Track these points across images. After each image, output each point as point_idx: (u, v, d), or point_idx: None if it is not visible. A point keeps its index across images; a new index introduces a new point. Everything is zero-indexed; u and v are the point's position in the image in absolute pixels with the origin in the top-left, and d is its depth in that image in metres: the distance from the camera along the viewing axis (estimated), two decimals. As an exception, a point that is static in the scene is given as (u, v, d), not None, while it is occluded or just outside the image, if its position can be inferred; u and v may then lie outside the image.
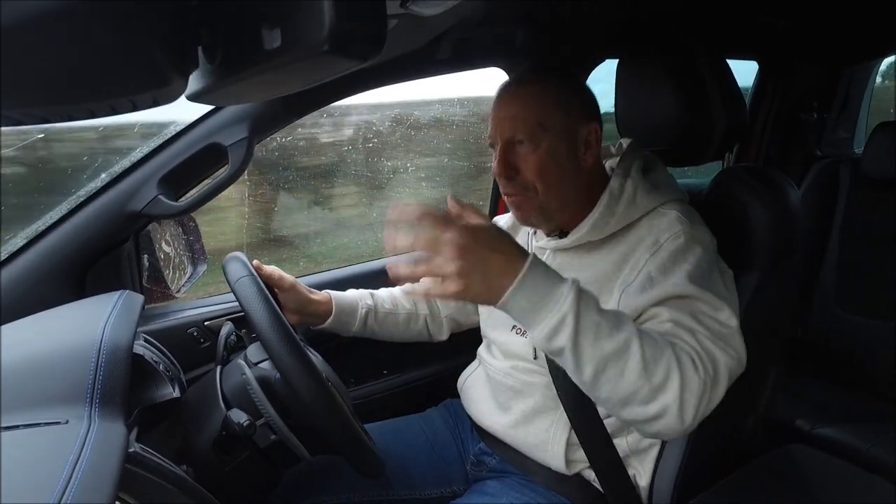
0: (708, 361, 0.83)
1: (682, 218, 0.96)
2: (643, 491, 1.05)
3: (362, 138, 1.95)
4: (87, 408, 0.61)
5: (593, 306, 0.77)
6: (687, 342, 0.83)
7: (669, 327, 0.85)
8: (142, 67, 0.45)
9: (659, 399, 0.78)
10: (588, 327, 0.75)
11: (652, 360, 0.78)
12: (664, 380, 0.78)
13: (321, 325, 1.21)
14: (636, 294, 0.92)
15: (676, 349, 0.81)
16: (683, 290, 0.88)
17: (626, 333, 0.77)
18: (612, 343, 0.76)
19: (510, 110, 1.00)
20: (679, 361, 0.79)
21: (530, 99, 0.99)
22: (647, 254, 0.95)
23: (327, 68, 0.51)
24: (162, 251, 1.27)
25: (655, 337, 0.81)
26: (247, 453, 0.89)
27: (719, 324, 0.88)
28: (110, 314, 0.79)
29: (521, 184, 1.00)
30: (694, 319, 0.86)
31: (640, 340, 0.78)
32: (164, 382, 0.87)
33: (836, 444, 1.50)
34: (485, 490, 1.09)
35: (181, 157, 1.12)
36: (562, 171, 1.00)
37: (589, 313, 0.75)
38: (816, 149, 2.08)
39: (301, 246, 2.05)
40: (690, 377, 0.79)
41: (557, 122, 0.98)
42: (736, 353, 0.87)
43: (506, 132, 1.00)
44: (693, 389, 0.79)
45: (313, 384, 0.85)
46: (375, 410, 1.34)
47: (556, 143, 0.98)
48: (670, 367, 0.78)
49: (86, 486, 0.49)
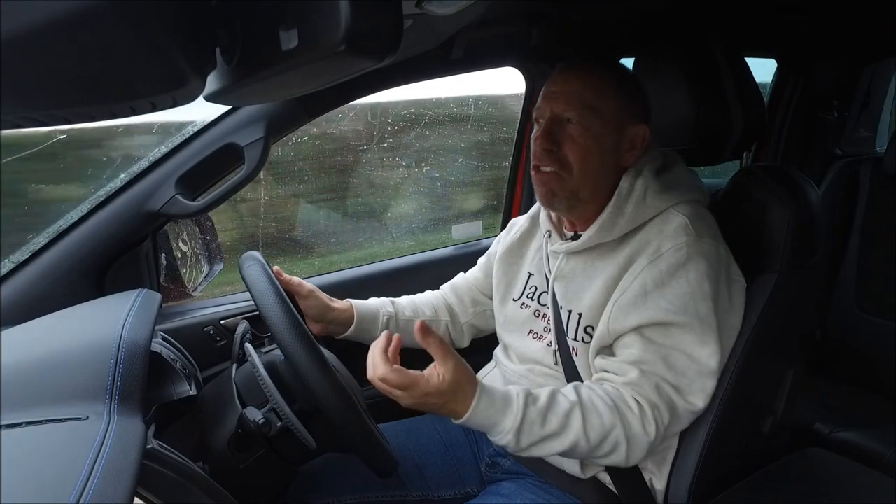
0: (666, 412, 0.92)
1: (689, 227, 0.94)
2: (659, 494, 1.04)
3: (377, 137, 1.95)
4: (106, 404, 0.62)
5: (537, 426, 0.88)
6: (647, 397, 0.92)
7: (635, 377, 0.92)
8: (161, 69, 0.45)
9: (606, 460, 0.94)
10: (531, 444, 0.89)
11: (599, 443, 0.90)
12: (611, 450, 0.91)
13: (343, 334, 1.21)
14: (626, 310, 0.94)
15: (625, 418, 0.91)
16: (671, 317, 0.92)
17: (572, 436, 0.89)
18: (558, 446, 0.90)
19: (567, 86, 0.98)
20: (627, 431, 0.90)
21: (590, 79, 0.98)
22: (645, 261, 0.94)
23: (343, 69, 0.51)
24: (179, 250, 1.28)
25: (604, 416, 0.90)
26: (262, 451, 0.90)
27: (694, 364, 0.93)
28: (129, 312, 0.80)
29: (559, 160, 0.98)
30: (665, 364, 0.92)
31: (586, 433, 0.89)
32: (181, 380, 0.88)
33: (856, 448, 1.48)
34: (499, 492, 1.09)
35: (198, 158, 1.13)
36: (602, 162, 0.98)
37: (529, 433, 0.88)
38: (836, 148, 2.05)
39: (315, 246, 2.05)
40: (639, 438, 0.91)
41: (610, 111, 0.97)
42: (701, 400, 0.94)
43: (557, 107, 0.98)
44: (641, 445, 0.91)
45: (325, 377, 0.85)
46: (389, 410, 1.34)
47: (604, 132, 0.97)
48: (618, 440, 0.90)
49: (106, 481, 0.50)
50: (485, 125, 2.07)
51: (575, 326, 1.02)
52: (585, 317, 1.01)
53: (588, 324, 1.00)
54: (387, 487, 1.15)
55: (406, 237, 2.09)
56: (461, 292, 1.32)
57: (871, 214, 1.79)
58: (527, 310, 1.14)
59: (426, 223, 2.09)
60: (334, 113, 1.51)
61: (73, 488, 0.48)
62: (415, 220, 2.08)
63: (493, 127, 2.07)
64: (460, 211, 2.11)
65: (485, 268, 1.31)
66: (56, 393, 0.64)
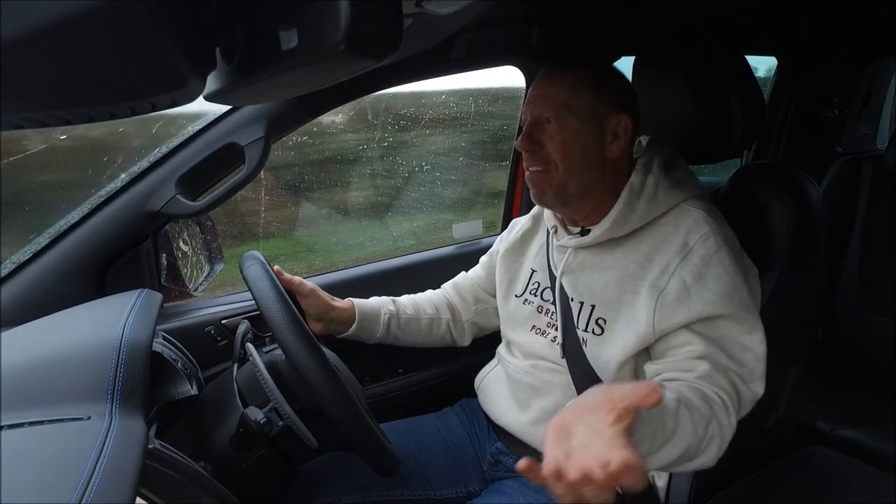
0: (737, 401, 0.91)
1: (708, 218, 0.97)
2: (661, 491, 1.05)
3: (379, 135, 1.95)
4: (108, 404, 0.62)
5: (660, 427, 0.78)
6: (721, 387, 0.90)
7: (707, 370, 0.90)
8: (161, 69, 0.45)
9: (699, 460, 0.86)
10: (656, 449, 0.78)
11: (702, 440, 0.84)
12: (707, 446, 0.86)
13: (345, 333, 1.21)
14: (673, 306, 0.93)
15: (715, 409, 0.87)
16: (718, 309, 0.91)
17: (688, 437, 0.81)
18: (676, 450, 0.80)
19: (542, 90, 1.02)
20: (720, 423, 0.87)
21: (562, 81, 1.01)
22: (677, 258, 0.95)
23: (344, 68, 0.51)
24: (180, 250, 1.28)
25: (702, 409, 0.85)
26: (263, 450, 0.90)
27: (749, 353, 0.92)
28: (130, 312, 0.80)
29: (542, 159, 1.01)
30: (726, 355, 0.91)
31: (695, 429, 0.82)
32: (183, 380, 0.88)
33: (858, 446, 1.48)
34: (502, 490, 1.09)
35: (198, 157, 1.13)
36: (585, 156, 1.00)
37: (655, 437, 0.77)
38: (837, 145, 2.04)
39: (316, 246, 2.05)
40: (727, 431, 0.88)
41: (585, 106, 0.99)
42: (759, 386, 0.93)
43: (535, 110, 1.02)
44: (727, 437, 0.88)
45: (326, 376, 0.85)
46: (391, 409, 1.35)
47: (582, 126, 0.99)
48: (713, 436, 0.85)
49: (108, 481, 0.50)
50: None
51: (587, 318, 1.02)
52: (598, 308, 1.01)
53: (601, 315, 1.01)
54: (389, 486, 1.15)
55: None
56: (463, 290, 1.32)
57: (872, 212, 1.79)
58: (530, 306, 1.14)
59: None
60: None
61: (76, 488, 0.48)
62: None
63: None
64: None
65: (487, 266, 1.31)
66: (58, 393, 0.64)
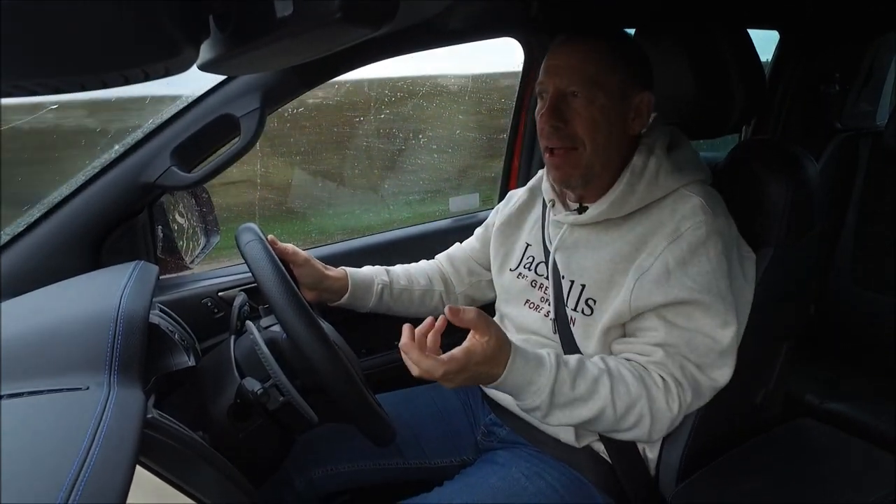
0: (689, 390, 0.93)
1: (705, 207, 0.95)
2: (651, 463, 1.07)
3: (374, 109, 1.93)
4: (106, 375, 0.63)
5: (567, 387, 0.88)
6: (672, 374, 0.93)
7: (661, 357, 0.93)
8: (154, 37, 0.45)
9: (629, 433, 0.93)
10: (562, 405, 0.89)
11: (624, 413, 0.90)
12: (635, 422, 0.91)
13: (337, 302, 1.21)
14: (651, 287, 0.93)
15: (651, 391, 0.91)
16: (694, 296, 0.92)
17: (600, 402, 0.89)
18: (586, 412, 0.89)
19: (568, 60, 0.97)
20: (651, 404, 0.91)
21: (591, 52, 0.96)
22: (665, 241, 0.95)
23: (339, 37, 0.50)
24: (175, 222, 1.28)
25: (631, 386, 0.90)
26: (261, 421, 0.91)
27: (717, 344, 0.93)
28: (126, 284, 0.80)
29: (569, 137, 0.97)
30: (688, 346, 0.93)
31: (613, 401, 0.89)
32: (180, 351, 0.89)
33: (846, 419, 1.51)
34: (495, 460, 1.11)
35: (193, 128, 1.12)
36: (611, 133, 0.97)
37: (561, 395, 0.88)
38: (837, 122, 2.03)
39: (311, 217, 2.05)
40: (662, 412, 0.92)
41: (613, 82, 0.96)
42: (724, 375, 0.95)
43: (560, 82, 0.97)
44: (664, 420, 0.92)
45: (322, 348, 0.86)
46: (386, 381, 1.36)
47: (610, 103, 0.96)
48: (642, 413, 0.91)
49: (108, 449, 0.50)
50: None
51: (576, 297, 1.03)
52: (589, 289, 1.01)
53: (590, 296, 1.01)
54: (384, 455, 1.17)
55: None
56: (457, 262, 1.32)
57: (868, 189, 1.79)
58: (524, 280, 1.14)
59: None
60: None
61: (76, 456, 0.49)
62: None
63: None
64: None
65: (482, 238, 1.31)
66: (56, 363, 0.65)
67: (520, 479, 1.04)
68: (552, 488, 1.03)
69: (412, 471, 1.20)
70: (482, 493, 1.01)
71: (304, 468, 1.16)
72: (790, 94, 1.98)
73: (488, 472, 1.07)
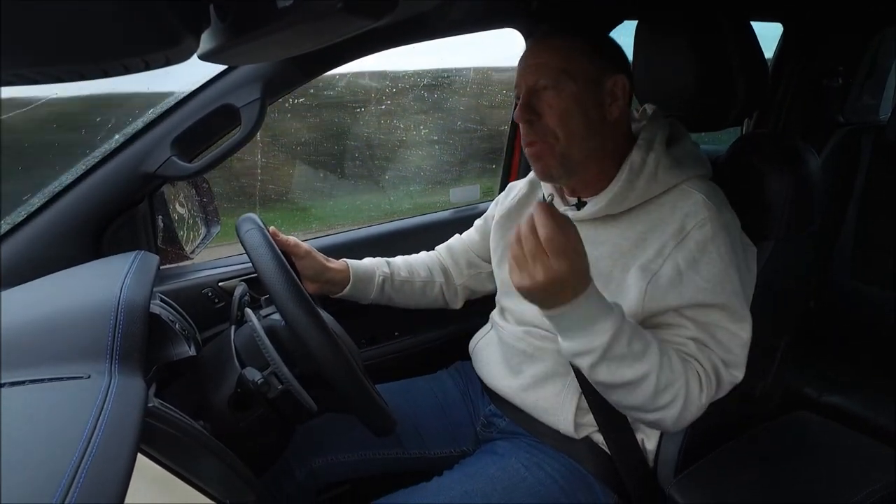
0: (714, 381, 0.92)
1: (708, 203, 0.95)
2: (650, 454, 1.07)
3: (375, 100, 1.93)
4: (107, 364, 0.63)
5: (625, 340, 0.83)
6: (702, 364, 0.91)
7: (693, 347, 0.92)
8: (154, 26, 0.45)
9: (658, 414, 0.89)
10: (613, 358, 0.83)
11: (663, 389, 0.87)
12: (669, 402, 0.88)
13: (339, 293, 1.22)
14: (665, 289, 0.93)
15: (689, 374, 0.89)
16: (709, 298, 0.92)
17: (647, 366, 0.85)
18: (631, 372, 0.85)
19: (535, 58, 0.99)
20: (688, 388, 0.88)
21: (555, 47, 0.99)
22: (672, 241, 0.94)
23: (341, 27, 0.50)
24: (176, 212, 1.28)
25: (675, 363, 0.88)
26: (261, 410, 0.91)
27: (736, 338, 0.93)
28: (127, 274, 0.80)
29: (543, 129, 0.98)
30: (712, 338, 0.93)
31: (659, 371, 0.86)
32: (181, 341, 0.89)
33: (844, 412, 1.51)
34: (494, 450, 1.11)
35: (194, 118, 1.12)
36: (586, 121, 0.98)
37: (618, 346, 0.82)
38: (839, 115, 2.02)
39: (312, 207, 2.05)
40: (694, 400, 0.90)
41: (582, 70, 0.97)
42: (740, 371, 0.94)
43: (530, 79, 0.99)
44: (693, 409, 0.90)
45: (323, 339, 0.86)
46: (387, 371, 1.37)
47: (581, 91, 0.97)
48: (678, 394, 0.88)
49: (110, 437, 0.51)
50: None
51: None
52: None
53: None
54: (384, 446, 1.18)
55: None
56: (457, 254, 1.32)
57: (870, 183, 1.79)
58: None
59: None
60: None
61: (77, 444, 0.49)
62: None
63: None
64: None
65: (481, 230, 1.31)
66: (58, 352, 0.65)
67: (519, 470, 1.04)
68: (551, 479, 1.04)
69: (412, 461, 1.20)
70: (481, 483, 1.02)
71: (304, 458, 1.16)
72: (793, 87, 1.97)
73: (488, 462, 1.08)
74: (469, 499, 0.99)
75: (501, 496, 1.00)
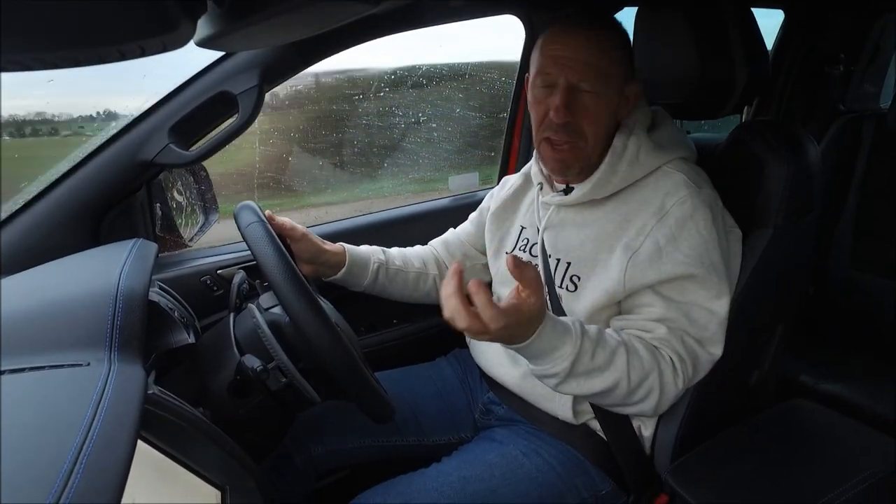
0: (690, 365, 0.93)
1: (688, 182, 0.96)
2: (647, 441, 1.08)
3: (374, 88, 1.91)
4: (106, 351, 0.63)
5: (587, 357, 0.86)
6: (675, 349, 0.93)
7: (664, 333, 0.93)
8: (150, 11, 0.44)
9: (636, 407, 0.93)
10: (578, 375, 0.87)
11: (636, 387, 0.90)
12: (645, 396, 0.91)
13: (333, 277, 1.22)
14: (644, 266, 0.94)
15: (662, 364, 0.91)
16: (688, 269, 0.93)
17: (616, 374, 0.88)
18: (600, 383, 0.88)
19: (580, 53, 0.95)
20: (662, 379, 0.91)
21: (598, 46, 0.96)
22: (653, 219, 0.95)
23: (339, 13, 0.49)
24: (174, 200, 1.27)
25: (644, 359, 0.90)
26: (260, 398, 0.92)
27: (713, 316, 0.94)
28: (125, 262, 0.80)
29: (575, 131, 0.98)
30: (687, 319, 0.94)
31: (629, 373, 0.89)
32: (180, 329, 0.89)
33: (840, 400, 1.52)
34: (492, 437, 1.12)
35: (191, 106, 1.11)
36: (609, 123, 1.00)
37: (581, 365, 0.86)
38: (840, 103, 2.01)
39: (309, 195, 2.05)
40: (669, 388, 0.92)
41: (617, 74, 0.98)
42: (718, 348, 0.96)
43: (572, 76, 0.96)
44: (669, 396, 0.92)
45: (322, 328, 0.86)
46: (385, 359, 1.37)
47: (612, 95, 0.98)
48: (652, 387, 0.91)
49: (110, 424, 0.51)
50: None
51: (562, 275, 1.04)
52: (574, 266, 1.03)
53: (575, 273, 1.02)
54: (383, 433, 1.18)
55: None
56: (452, 247, 1.33)
57: (870, 171, 1.78)
58: None
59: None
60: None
61: (78, 431, 0.49)
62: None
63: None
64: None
65: (476, 222, 1.31)
66: (57, 340, 0.65)
67: (517, 457, 1.05)
68: (549, 465, 1.04)
69: (411, 448, 1.21)
70: (480, 469, 1.03)
71: (304, 445, 1.17)
72: (793, 74, 1.96)
73: (486, 448, 1.09)
74: (467, 485, 1.00)
75: (499, 482, 1.01)
